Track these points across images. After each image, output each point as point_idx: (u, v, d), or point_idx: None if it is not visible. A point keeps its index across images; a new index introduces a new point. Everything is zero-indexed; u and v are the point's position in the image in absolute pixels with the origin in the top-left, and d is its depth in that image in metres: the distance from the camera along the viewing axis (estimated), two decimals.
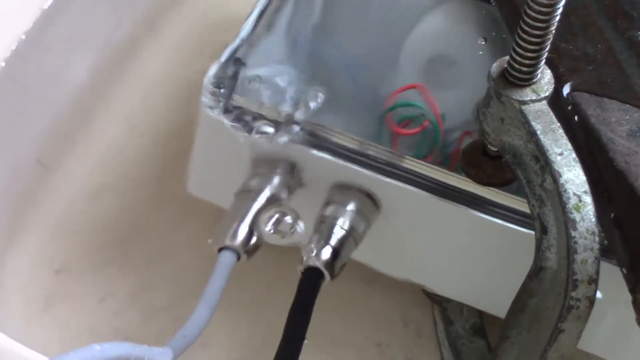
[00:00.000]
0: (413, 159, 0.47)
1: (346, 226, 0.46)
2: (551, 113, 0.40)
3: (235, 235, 0.45)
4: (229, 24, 0.57)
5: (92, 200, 0.58)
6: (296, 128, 0.47)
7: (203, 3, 0.66)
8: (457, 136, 0.48)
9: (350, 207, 0.46)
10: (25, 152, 0.56)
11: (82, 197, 0.58)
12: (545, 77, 0.41)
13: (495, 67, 0.41)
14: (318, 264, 0.44)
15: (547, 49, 0.39)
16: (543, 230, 0.40)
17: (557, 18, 0.38)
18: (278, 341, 0.42)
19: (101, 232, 0.57)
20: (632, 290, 0.40)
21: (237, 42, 0.49)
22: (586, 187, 0.39)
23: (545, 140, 0.40)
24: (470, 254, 0.48)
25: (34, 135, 0.56)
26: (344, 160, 0.47)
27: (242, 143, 0.48)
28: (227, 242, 0.44)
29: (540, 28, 0.38)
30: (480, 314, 0.53)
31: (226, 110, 0.48)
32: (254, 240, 0.45)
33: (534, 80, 0.40)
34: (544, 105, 0.40)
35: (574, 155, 0.40)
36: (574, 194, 0.39)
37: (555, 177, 0.39)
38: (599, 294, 0.39)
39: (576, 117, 0.44)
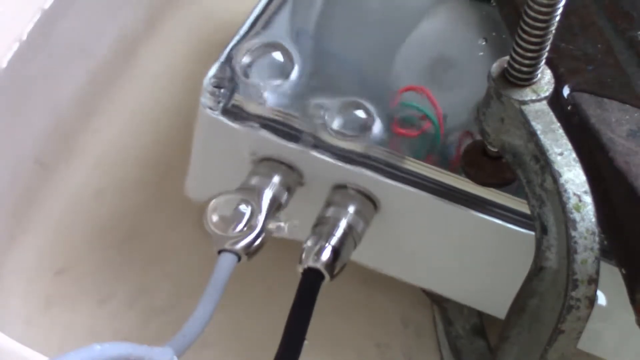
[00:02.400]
0: (413, 159, 0.47)
1: (346, 227, 0.46)
2: (551, 113, 0.40)
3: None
4: (229, 24, 0.56)
5: (92, 201, 0.58)
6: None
7: (203, 3, 0.66)
8: (458, 137, 0.48)
9: (350, 207, 0.46)
10: (25, 152, 0.56)
11: (82, 197, 0.58)
12: (545, 77, 0.41)
13: (495, 67, 0.41)
14: (318, 265, 0.44)
15: (547, 49, 0.39)
16: (543, 230, 0.40)
17: (557, 18, 0.38)
18: (278, 341, 0.42)
19: (101, 233, 0.57)
20: (631, 291, 0.40)
21: (236, 41, 0.49)
22: (586, 187, 0.39)
23: (545, 140, 0.40)
24: (470, 254, 0.48)
25: (34, 135, 0.56)
26: (344, 162, 0.47)
27: (242, 144, 0.48)
28: (228, 244, 0.44)
29: (540, 28, 0.38)
30: (480, 314, 0.53)
31: (226, 111, 0.48)
32: (255, 241, 0.45)
33: (534, 80, 0.41)
34: (544, 105, 0.41)
35: (574, 155, 0.40)
36: (574, 194, 0.39)
37: (555, 177, 0.39)
38: (599, 295, 0.39)
39: (576, 117, 0.44)
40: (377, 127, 0.47)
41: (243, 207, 0.45)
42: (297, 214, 0.47)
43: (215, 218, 0.44)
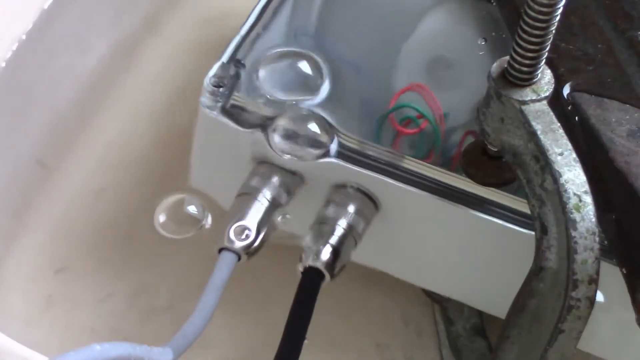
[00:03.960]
0: (413, 159, 0.47)
1: (346, 226, 0.46)
2: (551, 113, 0.40)
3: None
4: (229, 24, 0.57)
5: (92, 200, 0.58)
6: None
7: (203, 3, 0.66)
8: (458, 136, 0.48)
9: (350, 207, 0.46)
10: (26, 153, 0.56)
11: (82, 197, 0.58)
12: (545, 77, 0.41)
13: (495, 67, 0.41)
14: (318, 264, 0.44)
15: (547, 49, 0.39)
16: (543, 230, 0.40)
17: (557, 18, 0.38)
18: (278, 341, 0.42)
19: (101, 232, 0.57)
20: (632, 291, 0.40)
21: (237, 41, 0.49)
22: (586, 187, 0.39)
23: (545, 140, 0.40)
24: (470, 254, 0.48)
25: (34, 136, 0.56)
26: (344, 161, 0.47)
27: (242, 143, 0.48)
28: (228, 243, 0.44)
29: (540, 28, 0.38)
30: (481, 314, 0.53)
31: (226, 111, 0.48)
32: (255, 241, 0.45)
33: (534, 80, 0.41)
34: (544, 105, 0.41)
35: (574, 155, 0.40)
36: (574, 194, 0.39)
37: (555, 177, 0.39)
38: (599, 294, 0.39)
39: (576, 117, 0.44)
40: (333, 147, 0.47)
41: (192, 209, 0.45)
42: (297, 213, 0.47)
43: (162, 219, 0.45)
